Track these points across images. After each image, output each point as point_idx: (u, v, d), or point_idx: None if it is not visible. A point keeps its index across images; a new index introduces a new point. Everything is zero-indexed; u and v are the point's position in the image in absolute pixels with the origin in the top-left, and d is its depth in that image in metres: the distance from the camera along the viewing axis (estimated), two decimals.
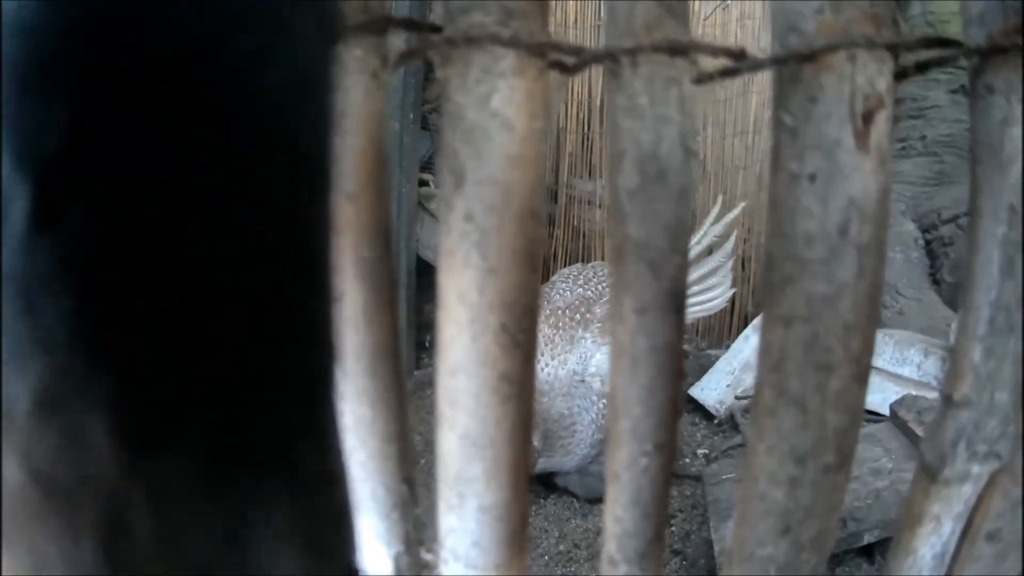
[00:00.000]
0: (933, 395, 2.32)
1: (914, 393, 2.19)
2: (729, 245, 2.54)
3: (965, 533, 0.54)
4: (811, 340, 0.44)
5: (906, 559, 0.55)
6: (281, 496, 0.23)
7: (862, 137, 0.44)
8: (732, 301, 3.31)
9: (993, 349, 0.48)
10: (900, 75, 0.49)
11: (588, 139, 3.46)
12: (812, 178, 0.44)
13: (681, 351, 0.46)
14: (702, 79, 0.47)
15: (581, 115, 3.44)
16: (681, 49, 0.45)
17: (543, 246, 0.47)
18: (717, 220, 2.54)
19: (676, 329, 0.45)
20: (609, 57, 0.45)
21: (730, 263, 2.56)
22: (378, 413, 0.51)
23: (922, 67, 0.52)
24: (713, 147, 3.36)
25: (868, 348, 0.46)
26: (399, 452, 0.53)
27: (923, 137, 3.67)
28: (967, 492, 0.52)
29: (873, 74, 0.45)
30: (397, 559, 0.56)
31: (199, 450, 0.21)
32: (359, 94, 0.48)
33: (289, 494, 0.24)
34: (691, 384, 2.72)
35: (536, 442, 1.93)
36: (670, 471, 0.48)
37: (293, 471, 0.24)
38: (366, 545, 0.55)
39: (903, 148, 3.51)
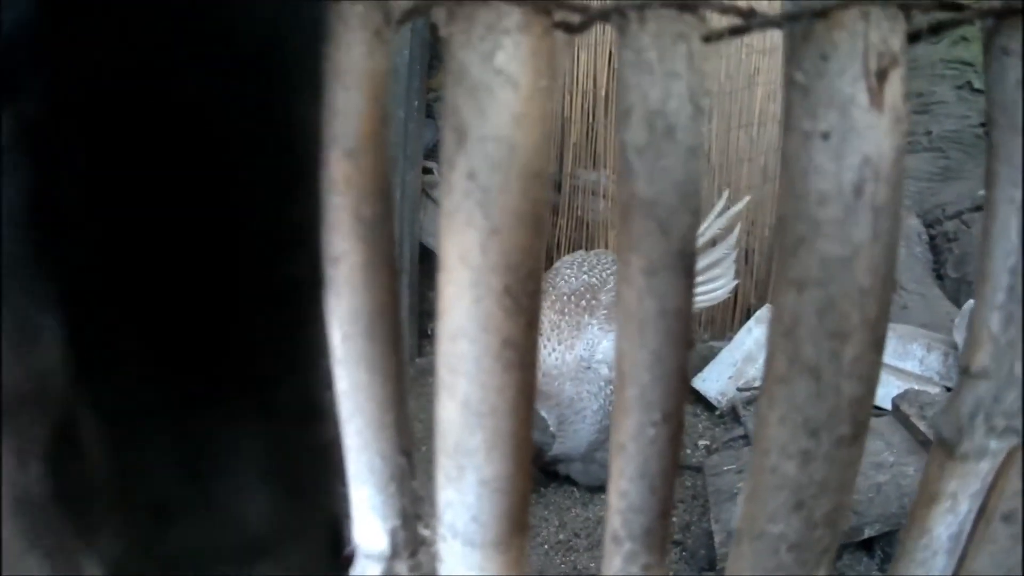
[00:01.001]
0: (936, 390, 2.32)
1: (916, 388, 2.19)
2: (732, 237, 2.53)
3: (980, 513, 0.53)
4: (826, 305, 0.42)
5: (920, 539, 0.53)
6: (253, 425, 0.21)
7: (876, 95, 0.43)
8: (735, 293, 3.30)
9: (1012, 316, 0.47)
10: (913, 37, 0.47)
11: (592, 129, 3.44)
12: (825, 136, 0.42)
13: (691, 316, 0.44)
14: (711, 37, 0.46)
15: (586, 106, 3.42)
16: (690, 5, 0.44)
17: (547, 208, 0.46)
18: (722, 213, 2.53)
19: (686, 292, 0.43)
20: (617, 12, 0.44)
21: (733, 255, 2.55)
22: (376, 378, 0.49)
23: (935, 29, 0.50)
24: (718, 139, 3.33)
25: (884, 314, 0.44)
26: (397, 421, 0.51)
27: (928, 132, 3.67)
28: (984, 469, 0.50)
29: (886, 32, 0.44)
30: (393, 534, 0.55)
31: (161, 366, 0.19)
32: (360, 51, 0.46)
33: (263, 423, 0.22)
34: (693, 375, 2.71)
35: (552, 426, 1.94)
36: (678, 444, 0.47)
37: (269, 397, 0.22)
38: (361, 518, 0.54)
39: (908, 143, 3.51)
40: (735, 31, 0.47)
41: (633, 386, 0.45)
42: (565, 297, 2.11)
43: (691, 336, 0.45)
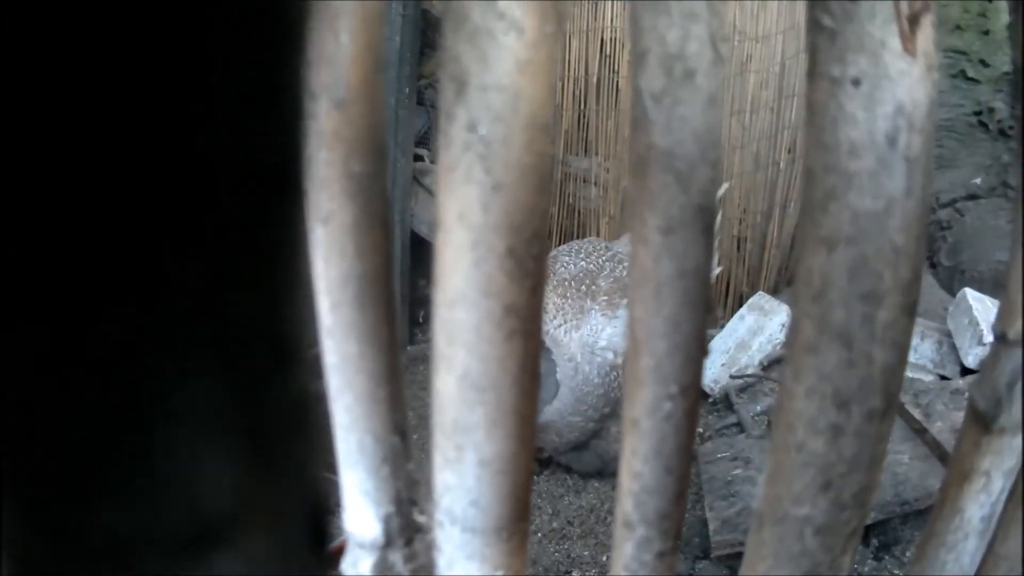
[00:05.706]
0: (929, 378, 2.32)
1: (910, 375, 2.19)
2: (715, 223, 2.54)
3: (1012, 492, 0.50)
4: (858, 264, 0.39)
5: (952, 519, 0.50)
6: (204, 371, 0.17)
7: (909, 40, 0.40)
8: (727, 280, 3.30)
9: None
10: None
11: (584, 116, 3.44)
12: (856, 82, 0.39)
13: (709, 278, 0.41)
14: None
15: (577, 92, 3.42)
16: None
17: (552, 165, 0.42)
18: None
19: (705, 252, 0.40)
20: None
21: (715, 242, 2.56)
22: (367, 350, 0.45)
23: None
24: None
25: (917, 277, 0.41)
26: (390, 397, 0.48)
27: None
28: (1019, 444, 0.47)
29: None
30: (387, 520, 0.51)
31: (70, 288, 0.15)
32: None
33: (217, 368, 0.18)
34: None
35: (559, 376, 1.97)
36: (695, 419, 0.43)
37: (224, 333, 0.18)
38: (352, 504, 0.50)
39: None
40: None
41: (647, 356, 0.41)
42: (566, 282, 2.16)
43: (710, 300, 0.41)
